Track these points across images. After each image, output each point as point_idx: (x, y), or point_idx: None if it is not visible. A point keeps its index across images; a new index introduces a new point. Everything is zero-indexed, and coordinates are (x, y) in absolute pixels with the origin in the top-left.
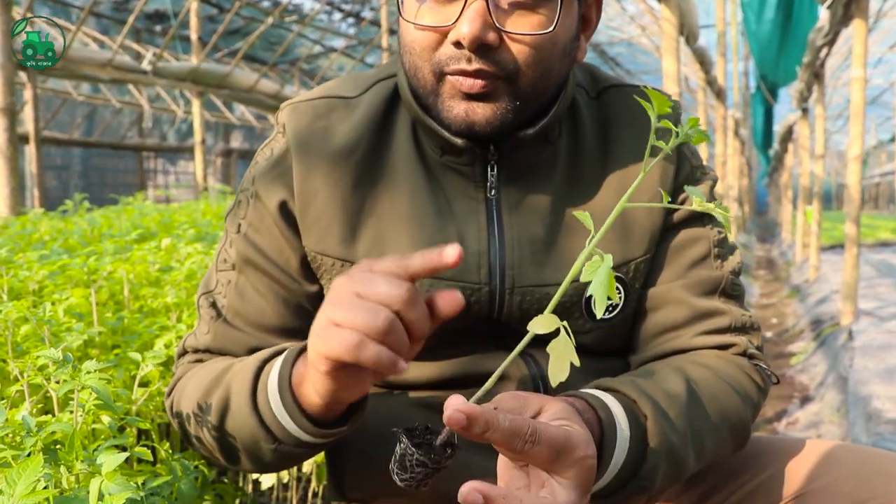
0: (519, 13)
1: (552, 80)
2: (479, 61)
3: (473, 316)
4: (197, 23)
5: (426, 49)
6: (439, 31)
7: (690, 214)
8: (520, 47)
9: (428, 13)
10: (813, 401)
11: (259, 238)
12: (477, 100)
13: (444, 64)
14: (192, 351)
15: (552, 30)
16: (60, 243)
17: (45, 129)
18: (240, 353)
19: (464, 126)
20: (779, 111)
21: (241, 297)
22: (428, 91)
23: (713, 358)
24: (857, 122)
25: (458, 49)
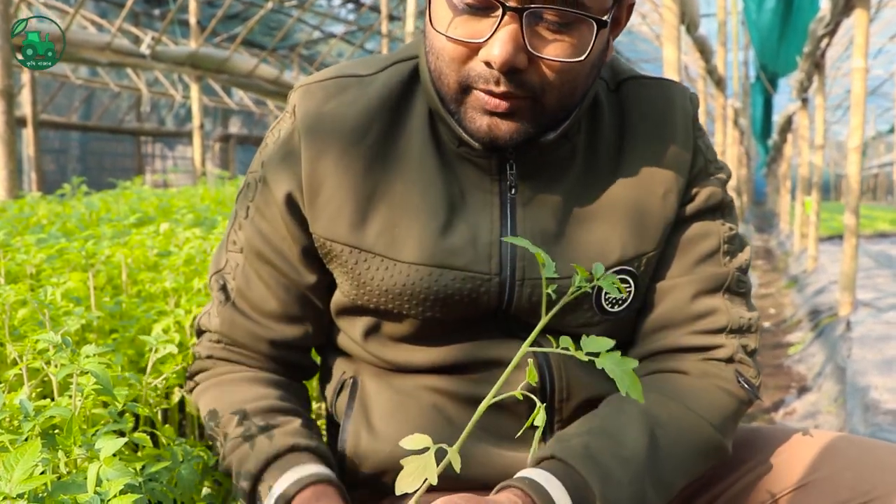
0: (552, 38)
1: (578, 95)
2: (507, 84)
3: (483, 306)
4: (196, 7)
5: (455, 60)
6: (470, 46)
7: (702, 208)
8: (549, 72)
9: (460, 25)
10: (811, 391)
11: (264, 224)
12: (501, 117)
13: (472, 80)
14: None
15: (584, 59)
16: (58, 227)
17: (43, 112)
18: (245, 341)
19: (487, 139)
20: (778, 101)
21: (247, 282)
22: (451, 97)
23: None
24: (858, 112)
25: (488, 68)
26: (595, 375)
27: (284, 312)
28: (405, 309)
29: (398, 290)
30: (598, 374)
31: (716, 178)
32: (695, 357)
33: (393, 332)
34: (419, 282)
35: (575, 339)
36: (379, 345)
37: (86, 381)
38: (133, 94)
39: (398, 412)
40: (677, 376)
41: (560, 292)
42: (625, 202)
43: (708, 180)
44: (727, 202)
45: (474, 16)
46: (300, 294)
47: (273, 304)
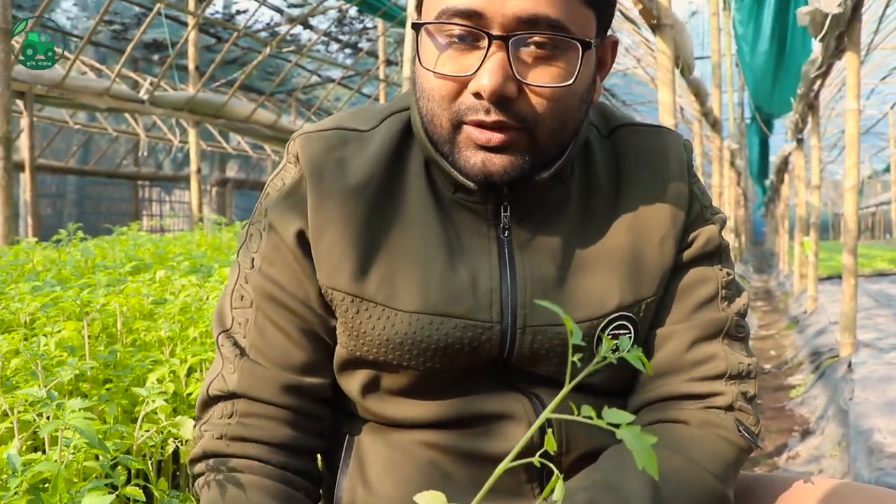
0: (539, 65)
1: (570, 128)
2: (498, 113)
3: (484, 354)
4: (195, 52)
5: (445, 98)
6: (458, 80)
7: (700, 254)
8: (539, 99)
9: (448, 62)
10: (813, 434)
11: (275, 271)
12: (494, 151)
13: (462, 114)
14: (223, 396)
15: (572, 83)
16: (53, 274)
17: (41, 156)
18: (270, 393)
19: (481, 177)
20: (774, 142)
21: (262, 336)
22: (444, 139)
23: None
24: (852, 153)
25: (478, 99)
26: (593, 429)
27: (307, 362)
28: (405, 360)
29: (399, 339)
30: (596, 427)
31: (712, 224)
32: (695, 405)
33: (392, 385)
34: (420, 331)
35: (574, 388)
36: (377, 400)
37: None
38: (131, 139)
39: (394, 469)
40: (678, 426)
41: (561, 339)
42: (622, 248)
43: (705, 226)
44: (724, 247)
45: (461, 50)
46: (320, 339)
47: (294, 353)
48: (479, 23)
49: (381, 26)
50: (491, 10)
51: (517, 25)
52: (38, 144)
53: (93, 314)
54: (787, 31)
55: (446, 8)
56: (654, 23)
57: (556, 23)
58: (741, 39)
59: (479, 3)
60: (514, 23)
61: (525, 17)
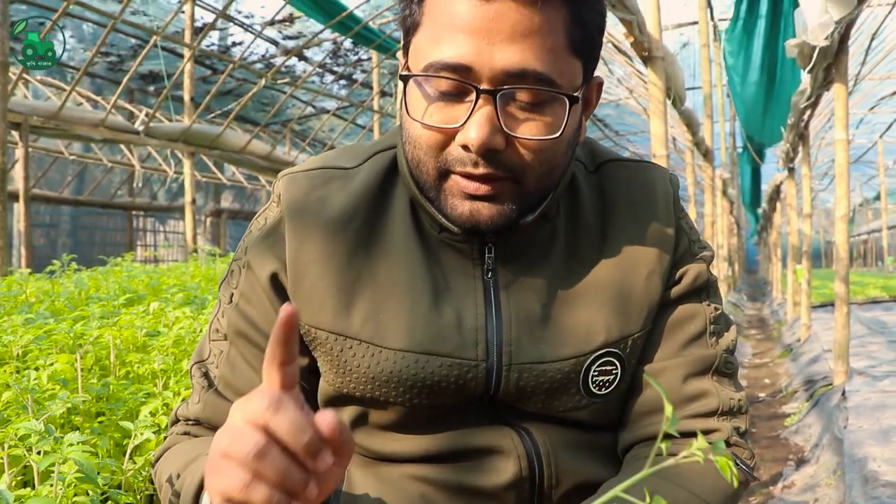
0: (527, 118)
1: (557, 173)
2: (486, 165)
3: (469, 393)
4: (190, 84)
5: (432, 147)
6: (446, 131)
7: (687, 290)
8: (526, 151)
9: (436, 112)
10: (808, 463)
11: (250, 309)
12: (482, 200)
13: (450, 164)
14: (184, 420)
15: (559, 135)
16: (46, 306)
17: (35, 186)
18: None
19: (468, 225)
20: (766, 171)
21: (232, 369)
22: (431, 185)
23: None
24: (843, 182)
25: (465, 151)
26: (583, 461)
27: None
28: (391, 396)
29: (384, 377)
30: (586, 459)
31: (700, 258)
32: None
33: (379, 420)
34: (405, 368)
35: (561, 424)
36: (365, 435)
37: (68, 468)
38: (126, 170)
39: (385, 503)
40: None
41: (548, 376)
42: (608, 284)
43: (693, 261)
44: (712, 282)
45: (449, 102)
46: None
47: None
48: (467, 76)
49: (376, 58)
50: (479, 63)
51: (505, 79)
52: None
53: (86, 347)
54: (776, 62)
55: (435, 61)
56: (645, 55)
57: (543, 77)
58: (732, 70)
59: (468, 58)
60: (501, 76)
61: (513, 71)
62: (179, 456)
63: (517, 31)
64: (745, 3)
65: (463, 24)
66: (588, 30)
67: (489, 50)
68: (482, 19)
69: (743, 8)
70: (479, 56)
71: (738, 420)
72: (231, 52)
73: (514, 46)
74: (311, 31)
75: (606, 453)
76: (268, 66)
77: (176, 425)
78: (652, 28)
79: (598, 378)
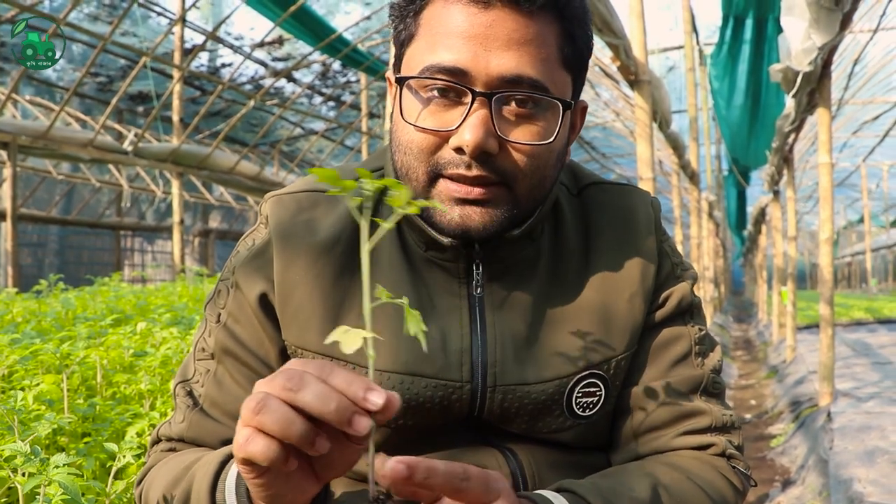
0: (520, 123)
1: (547, 184)
2: (479, 168)
3: (455, 413)
4: (179, 104)
5: (424, 151)
6: (440, 134)
7: (671, 313)
8: (519, 155)
9: (429, 116)
10: (794, 484)
11: (239, 328)
12: (473, 204)
13: (441, 167)
14: (166, 439)
15: (552, 141)
16: (33, 326)
17: (23, 205)
18: (214, 444)
19: (459, 231)
20: (751, 193)
21: (218, 387)
22: (419, 192)
23: (689, 460)
24: (826, 205)
25: (459, 154)
26: (568, 478)
27: None
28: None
29: None
30: (570, 476)
31: (683, 281)
32: (689, 454)
33: None
34: (391, 389)
35: (546, 444)
36: None
37: (54, 489)
38: (114, 189)
39: None
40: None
41: (532, 398)
42: (592, 306)
43: (677, 284)
44: (696, 303)
45: (443, 106)
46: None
47: None
48: (463, 80)
49: (364, 80)
50: (476, 68)
51: (500, 84)
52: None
53: (72, 367)
54: (761, 86)
55: (432, 64)
56: (632, 78)
57: (537, 83)
58: (717, 94)
59: (465, 62)
60: (497, 81)
61: (509, 76)
62: (171, 469)
63: (513, 39)
64: (729, 28)
65: (460, 31)
66: (578, 46)
67: (485, 55)
68: (479, 26)
69: (728, 33)
70: (475, 61)
71: (731, 435)
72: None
73: (509, 53)
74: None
75: (591, 473)
76: (257, 87)
77: (158, 444)
78: (638, 52)
79: (582, 400)
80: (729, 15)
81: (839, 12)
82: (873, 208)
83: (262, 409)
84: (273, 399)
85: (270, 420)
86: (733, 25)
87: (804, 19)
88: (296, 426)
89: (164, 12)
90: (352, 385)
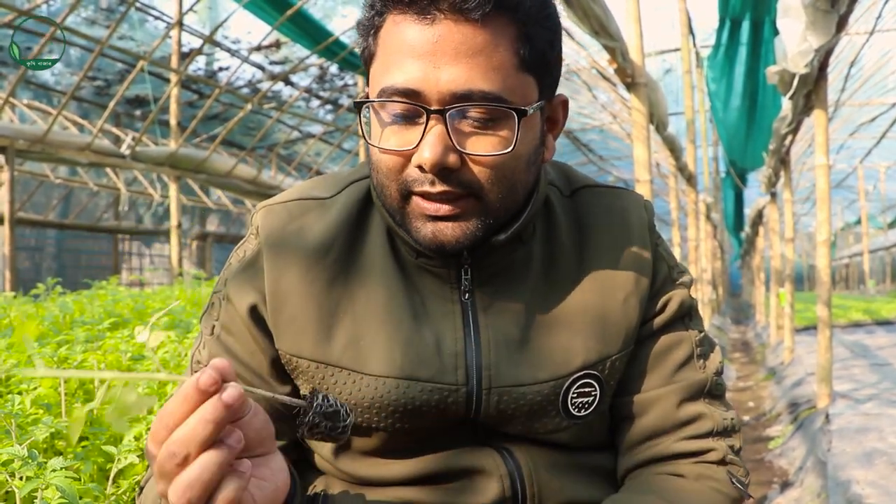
0: (478, 135)
1: (519, 191)
2: (442, 183)
3: (451, 416)
4: (176, 108)
5: (392, 170)
6: (402, 154)
7: (672, 318)
8: (481, 168)
9: (392, 136)
10: (793, 486)
11: (231, 340)
12: (445, 220)
13: (409, 185)
14: None
15: (511, 150)
16: None
17: (21, 209)
18: None
19: (433, 246)
20: (749, 195)
21: None
22: (395, 209)
23: (689, 482)
24: (823, 207)
25: (422, 172)
26: (566, 480)
27: None
28: (374, 422)
29: (366, 403)
30: (568, 478)
31: (681, 284)
32: (688, 461)
33: (363, 446)
34: (387, 394)
35: (543, 444)
36: (349, 460)
37: (52, 493)
38: (112, 193)
39: None
40: (675, 479)
41: (527, 399)
42: (586, 308)
43: (674, 288)
44: (694, 306)
45: (403, 126)
46: (270, 407)
47: None
48: (417, 99)
49: (361, 83)
50: (427, 87)
51: (452, 100)
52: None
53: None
54: (758, 88)
55: (386, 87)
56: (628, 81)
57: (490, 95)
58: (714, 96)
59: (415, 82)
60: (449, 97)
61: (459, 92)
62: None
63: (461, 52)
64: (726, 30)
65: (409, 50)
66: (537, 46)
67: (435, 73)
68: (426, 43)
69: (724, 35)
70: (425, 79)
71: (732, 439)
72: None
73: (459, 67)
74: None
75: (589, 473)
76: (254, 90)
77: None
78: (635, 55)
79: (577, 400)
80: (725, 17)
81: (835, 14)
82: (870, 210)
83: (191, 498)
84: (183, 484)
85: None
86: (730, 28)
87: (800, 21)
88: (212, 463)
89: (162, 16)
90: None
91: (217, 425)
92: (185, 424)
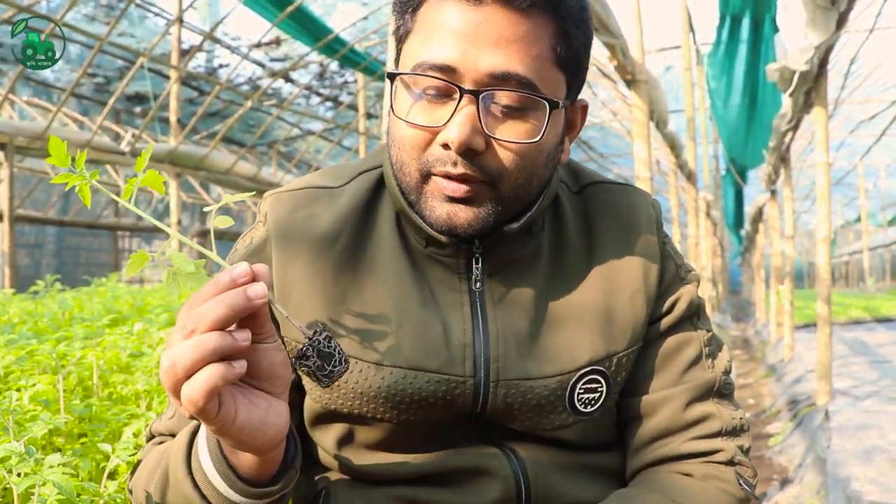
0: (508, 121)
1: (535, 184)
2: (465, 165)
3: (457, 409)
4: (176, 105)
5: (415, 147)
6: (429, 130)
7: (681, 317)
8: (505, 153)
9: (420, 112)
10: (792, 483)
11: None
12: (460, 202)
13: (430, 164)
14: (158, 435)
15: (539, 139)
16: (30, 326)
17: (20, 206)
18: None
19: (445, 228)
20: (749, 192)
21: None
22: (412, 188)
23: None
24: (823, 204)
25: (446, 150)
26: (571, 480)
27: None
28: (379, 412)
29: (373, 392)
30: (573, 479)
31: (688, 283)
32: (696, 461)
33: (367, 438)
34: (393, 384)
35: (548, 444)
36: (352, 455)
37: (49, 490)
38: (111, 190)
39: None
40: (682, 478)
41: (534, 392)
42: (593, 303)
43: (682, 287)
44: (701, 305)
45: (433, 102)
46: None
47: None
48: (452, 77)
49: (362, 80)
50: (464, 65)
51: (489, 81)
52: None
53: (69, 367)
54: (758, 85)
55: (422, 61)
56: (629, 78)
57: (526, 81)
58: (714, 94)
59: (454, 59)
60: (485, 79)
61: (497, 73)
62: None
63: (503, 37)
64: (726, 28)
65: (451, 28)
66: (573, 45)
67: (475, 53)
68: (470, 24)
69: (725, 33)
70: (464, 58)
71: (740, 439)
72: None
73: (499, 51)
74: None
75: (594, 474)
76: (254, 87)
77: (151, 441)
78: (635, 52)
79: (583, 396)
80: (726, 14)
81: (835, 11)
82: (870, 207)
83: (177, 360)
84: (176, 349)
85: (189, 360)
86: (730, 25)
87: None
88: (210, 341)
89: (162, 13)
90: (219, 283)
91: (231, 310)
92: (205, 304)
